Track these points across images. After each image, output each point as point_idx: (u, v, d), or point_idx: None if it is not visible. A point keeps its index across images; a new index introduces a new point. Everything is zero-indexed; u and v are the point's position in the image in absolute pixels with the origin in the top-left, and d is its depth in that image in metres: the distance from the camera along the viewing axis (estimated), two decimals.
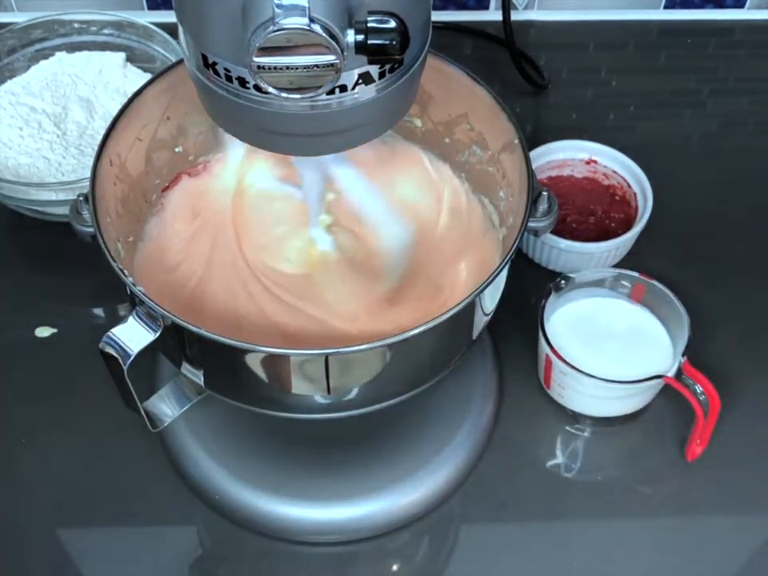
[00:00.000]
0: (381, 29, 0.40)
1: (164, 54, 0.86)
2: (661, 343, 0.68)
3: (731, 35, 0.98)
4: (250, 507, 0.65)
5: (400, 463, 0.67)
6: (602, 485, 0.68)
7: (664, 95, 0.93)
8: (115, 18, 0.86)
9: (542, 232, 0.58)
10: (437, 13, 0.96)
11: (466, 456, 0.67)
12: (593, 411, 0.69)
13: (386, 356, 0.53)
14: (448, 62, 0.62)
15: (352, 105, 0.45)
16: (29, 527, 0.65)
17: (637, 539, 0.65)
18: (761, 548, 0.65)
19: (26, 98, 0.84)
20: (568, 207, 0.79)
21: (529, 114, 0.91)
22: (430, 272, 0.66)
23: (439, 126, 0.67)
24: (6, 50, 0.85)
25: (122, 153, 0.60)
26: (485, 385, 0.71)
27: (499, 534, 0.66)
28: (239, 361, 0.52)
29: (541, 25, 0.98)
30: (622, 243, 0.75)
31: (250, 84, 0.44)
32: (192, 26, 0.44)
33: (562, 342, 0.67)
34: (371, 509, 0.65)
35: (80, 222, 0.56)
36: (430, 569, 0.65)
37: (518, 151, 0.59)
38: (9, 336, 0.75)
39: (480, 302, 0.55)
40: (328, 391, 0.54)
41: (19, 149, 0.80)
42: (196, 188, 0.67)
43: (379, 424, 0.68)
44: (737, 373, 0.72)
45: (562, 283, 0.68)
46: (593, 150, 0.80)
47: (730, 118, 0.91)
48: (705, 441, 0.66)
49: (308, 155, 0.54)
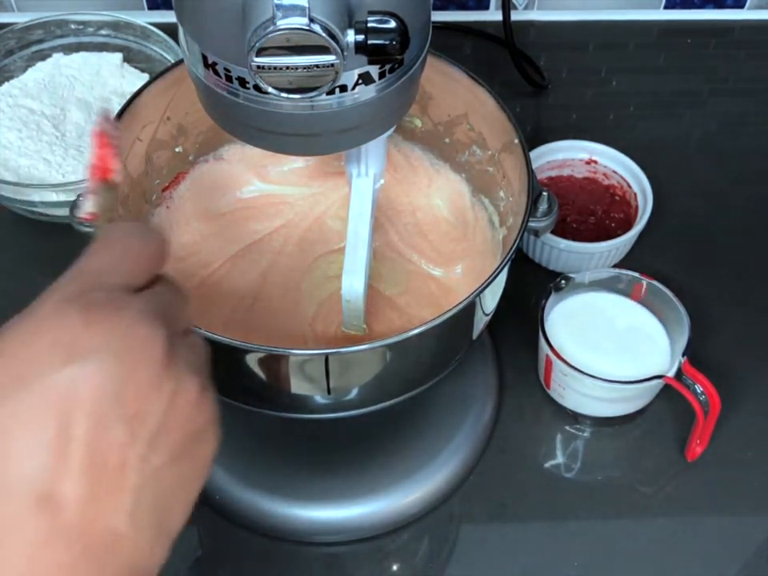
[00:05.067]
0: (381, 29, 0.40)
1: (162, 54, 0.85)
2: (661, 343, 0.68)
3: (731, 35, 0.98)
4: (250, 507, 0.65)
5: (400, 463, 0.67)
6: (602, 485, 0.68)
7: (664, 95, 0.93)
8: (112, 19, 0.86)
9: (542, 232, 0.58)
10: (437, 13, 0.96)
11: (465, 456, 0.67)
12: (593, 411, 0.69)
13: (386, 356, 0.53)
14: (448, 62, 0.62)
15: (352, 105, 0.45)
16: None
17: (637, 539, 0.65)
18: (761, 548, 0.65)
19: (24, 99, 0.84)
20: (568, 207, 0.79)
21: (529, 114, 0.91)
22: (430, 271, 0.66)
23: (439, 126, 0.67)
24: (3, 51, 0.86)
25: (121, 153, 0.60)
26: (485, 385, 0.71)
27: (499, 534, 0.66)
28: (239, 360, 0.52)
29: (541, 25, 0.98)
30: (622, 243, 0.75)
31: (250, 84, 0.44)
32: (192, 26, 0.44)
33: (562, 342, 0.67)
34: (371, 509, 0.65)
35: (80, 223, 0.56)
36: (429, 569, 0.65)
37: (517, 151, 0.59)
38: None
39: (480, 302, 0.55)
40: (328, 391, 0.54)
41: (19, 150, 0.80)
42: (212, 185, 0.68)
43: (379, 424, 0.68)
44: (737, 373, 0.72)
45: (561, 283, 0.68)
46: (593, 149, 0.80)
47: (730, 118, 0.91)
48: (705, 441, 0.66)
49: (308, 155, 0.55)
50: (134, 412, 0.31)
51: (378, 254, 0.65)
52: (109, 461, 0.30)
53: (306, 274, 0.65)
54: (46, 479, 0.29)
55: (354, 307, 0.58)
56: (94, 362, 0.31)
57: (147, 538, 0.32)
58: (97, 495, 0.30)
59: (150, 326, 0.32)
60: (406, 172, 0.69)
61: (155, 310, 0.33)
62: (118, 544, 0.31)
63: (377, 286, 0.64)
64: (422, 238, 0.68)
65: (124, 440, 0.31)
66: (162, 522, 0.33)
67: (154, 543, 0.32)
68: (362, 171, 0.56)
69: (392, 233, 0.68)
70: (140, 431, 0.31)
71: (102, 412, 0.30)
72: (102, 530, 0.30)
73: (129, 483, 0.31)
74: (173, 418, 0.32)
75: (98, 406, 0.30)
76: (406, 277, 0.66)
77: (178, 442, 0.33)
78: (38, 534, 0.29)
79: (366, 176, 0.56)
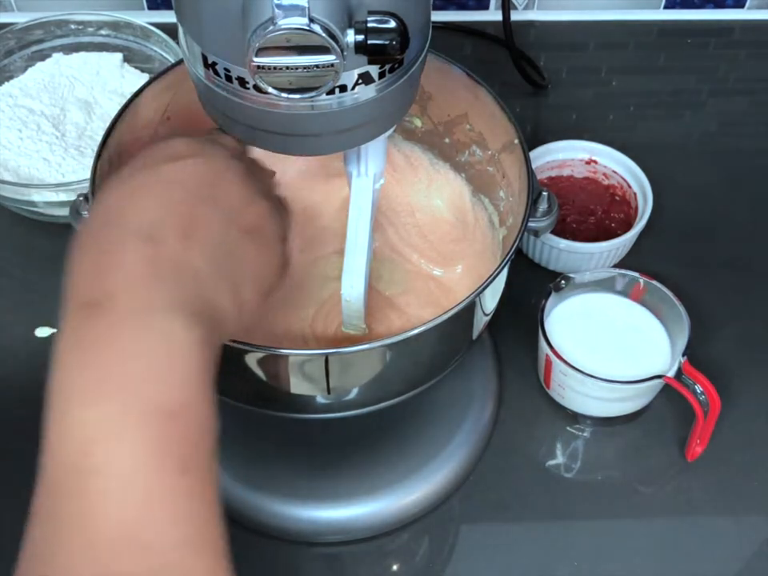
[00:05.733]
0: (381, 29, 0.40)
1: (161, 54, 0.85)
2: (661, 343, 0.68)
3: (731, 35, 0.98)
4: (250, 507, 0.65)
5: (400, 463, 0.67)
6: (602, 485, 0.68)
7: (664, 95, 0.93)
8: (112, 19, 0.86)
9: (542, 232, 0.58)
10: (437, 13, 0.96)
11: (466, 456, 0.67)
12: (593, 411, 0.69)
13: (386, 356, 0.53)
14: (448, 62, 0.62)
15: (352, 105, 0.45)
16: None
17: (637, 539, 0.65)
18: (761, 548, 0.65)
19: (24, 99, 0.84)
20: (568, 207, 0.79)
21: (529, 114, 0.91)
22: (430, 272, 0.66)
23: (439, 126, 0.67)
24: (3, 51, 0.86)
25: (122, 153, 0.60)
26: (485, 385, 0.71)
27: (499, 533, 0.66)
28: (239, 361, 0.52)
29: (541, 25, 0.98)
30: (622, 243, 0.75)
31: (250, 84, 0.44)
32: (192, 26, 0.44)
33: (562, 342, 0.67)
34: (371, 509, 0.65)
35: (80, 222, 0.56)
36: (429, 569, 0.65)
37: (517, 151, 0.59)
38: (9, 336, 0.75)
39: (480, 302, 0.55)
40: (328, 391, 0.54)
41: (19, 150, 0.80)
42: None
43: (379, 424, 0.68)
44: (737, 373, 0.72)
45: (561, 283, 0.68)
46: (593, 149, 0.80)
47: (730, 118, 0.91)
48: (705, 441, 0.66)
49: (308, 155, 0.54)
50: (220, 195, 0.42)
51: (378, 254, 0.65)
52: (198, 221, 0.41)
53: (306, 275, 0.65)
54: (153, 226, 0.39)
55: (354, 307, 0.58)
56: (192, 159, 0.43)
57: (222, 288, 0.41)
58: (187, 241, 0.40)
59: (233, 158, 0.45)
60: (405, 172, 0.69)
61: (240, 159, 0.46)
62: (200, 280, 0.40)
63: (377, 286, 0.64)
64: (421, 238, 0.68)
65: (211, 210, 0.42)
66: (235, 284, 0.42)
67: (228, 296, 0.41)
68: (361, 171, 0.56)
69: (392, 233, 0.68)
70: (223, 208, 0.42)
71: (197, 189, 0.42)
72: (190, 265, 0.40)
73: (210, 239, 0.41)
74: (246, 212, 0.43)
75: (194, 185, 0.42)
76: (405, 277, 0.66)
77: (249, 226, 0.43)
78: (145, 258, 0.38)
79: (366, 176, 0.56)
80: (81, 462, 0.35)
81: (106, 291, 0.37)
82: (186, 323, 0.38)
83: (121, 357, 0.36)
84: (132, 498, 0.34)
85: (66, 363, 0.36)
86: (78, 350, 0.37)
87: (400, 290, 0.65)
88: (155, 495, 0.35)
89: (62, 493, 0.35)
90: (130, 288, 0.38)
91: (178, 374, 0.37)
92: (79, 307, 0.38)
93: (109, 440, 0.35)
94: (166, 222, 0.40)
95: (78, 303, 0.38)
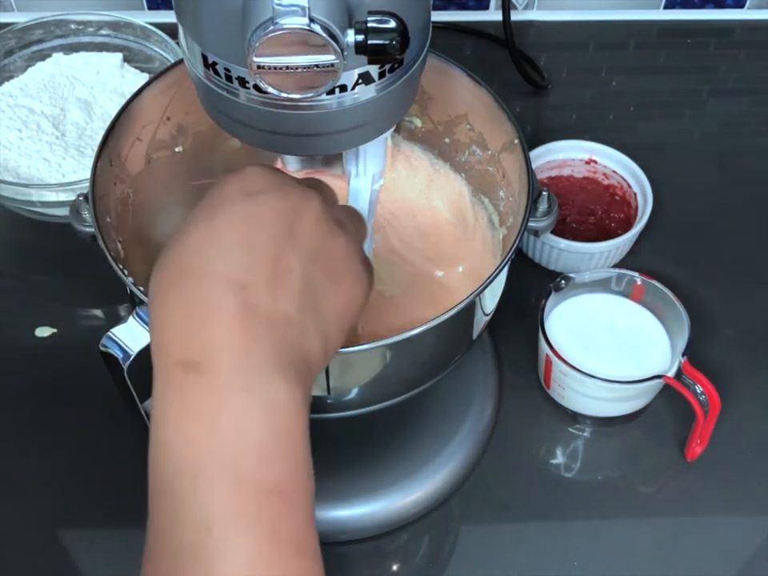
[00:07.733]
0: (381, 29, 0.40)
1: (162, 54, 0.85)
2: (661, 343, 0.68)
3: (731, 35, 0.98)
4: None
5: (400, 463, 0.67)
6: (601, 485, 0.68)
7: (664, 95, 0.93)
8: (112, 19, 0.86)
9: (542, 232, 0.58)
10: (437, 13, 0.96)
11: (466, 456, 0.67)
12: (593, 411, 0.70)
13: (386, 356, 0.53)
14: (448, 62, 0.62)
15: (352, 105, 0.45)
16: (29, 527, 0.65)
17: (637, 539, 0.65)
18: (761, 548, 0.65)
19: (24, 99, 0.84)
20: (568, 207, 0.79)
21: (529, 114, 0.91)
22: (430, 272, 0.66)
23: (439, 125, 0.67)
24: (3, 51, 0.85)
25: (122, 153, 0.60)
26: (485, 385, 0.71)
27: (499, 534, 0.66)
28: None
29: (541, 25, 0.98)
30: (622, 243, 0.75)
31: (250, 84, 0.44)
32: (192, 26, 0.44)
33: (562, 342, 0.67)
34: (371, 509, 0.65)
35: (80, 222, 0.56)
36: (429, 569, 0.65)
37: (517, 151, 0.59)
38: (9, 336, 0.75)
39: (480, 302, 0.55)
40: (328, 391, 0.54)
41: (19, 150, 0.80)
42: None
43: (379, 424, 0.68)
44: (737, 373, 0.72)
45: (561, 283, 0.68)
46: (593, 149, 0.80)
47: (730, 118, 0.91)
48: (705, 441, 0.66)
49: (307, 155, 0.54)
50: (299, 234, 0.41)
51: (377, 255, 0.65)
52: (282, 264, 0.40)
53: None
54: (238, 272, 0.39)
55: None
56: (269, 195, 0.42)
57: (312, 333, 0.41)
58: (276, 288, 0.39)
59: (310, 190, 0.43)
60: (406, 172, 0.69)
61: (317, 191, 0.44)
62: (292, 329, 0.40)
63: (377, 286, 0.64)
64: (421, 239, 0.68)
65: (292, 251, 0.40)
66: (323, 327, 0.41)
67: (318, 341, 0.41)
68: (360, 171, 0.56)
69: (392, 233, 0.68)
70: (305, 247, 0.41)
71: (277, 229, 0.41)
72: (282, 314, 0.39)
73: (295, 283, 0.40)
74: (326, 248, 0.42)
75: (274, 224, 0.41)
76: (406, 277, 0.66)
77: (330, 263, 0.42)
78: (234, 307, 0.38)
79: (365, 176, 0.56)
80: (202, 540, 0.36)
81: (204, 349, 0.38)
82: (289, 386, 0.38)
83: (230, 431, 0.37)
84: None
85: (173, 430, 0.37)
86: (185, 419, 0.37)
87: (400, 290, 0.65)
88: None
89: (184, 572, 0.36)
90: (227, 346, 0.38)
91: (290, 451, 0.39)
92: (175, 366, 0.38)
93: (228, 526, 0.36)
94: (254, 268, 0.39)
95: (174, 361, 0.38)
